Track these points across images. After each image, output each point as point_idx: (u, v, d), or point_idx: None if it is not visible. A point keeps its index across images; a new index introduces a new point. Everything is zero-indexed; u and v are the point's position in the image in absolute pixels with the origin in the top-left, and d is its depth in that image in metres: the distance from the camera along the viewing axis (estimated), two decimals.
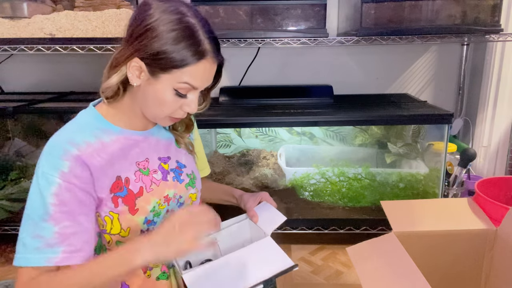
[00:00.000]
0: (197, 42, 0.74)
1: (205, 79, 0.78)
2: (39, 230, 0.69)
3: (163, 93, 0.76)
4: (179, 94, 0.76)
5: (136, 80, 0.76)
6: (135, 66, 0.75)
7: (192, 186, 0.91)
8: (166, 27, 0.73)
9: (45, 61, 2.17)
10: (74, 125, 0.80)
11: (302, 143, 2.11)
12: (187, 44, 0.73)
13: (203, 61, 0.75)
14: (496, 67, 1.92)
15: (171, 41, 0.72)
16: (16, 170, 1.86)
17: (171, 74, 0.74)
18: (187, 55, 0.73)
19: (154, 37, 0.73)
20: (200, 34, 0.74)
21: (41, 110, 1.76)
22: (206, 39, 0.75)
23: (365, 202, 1.84)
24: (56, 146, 0.73)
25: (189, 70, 0.74)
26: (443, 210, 1.15)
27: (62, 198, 0.70)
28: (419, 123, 1.77)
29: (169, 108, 0.78)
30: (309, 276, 1.65)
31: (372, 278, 0.86)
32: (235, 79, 2.15)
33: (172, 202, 0.86)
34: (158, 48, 0.73)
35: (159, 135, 0.89)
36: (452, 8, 1.64)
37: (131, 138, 0.83)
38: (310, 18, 1.70)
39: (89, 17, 1.63)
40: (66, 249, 0.70)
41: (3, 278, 1.64)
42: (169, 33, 0.73)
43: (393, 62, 2.13)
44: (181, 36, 0.73)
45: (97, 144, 0.77)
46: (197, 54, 0.74)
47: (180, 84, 0.75)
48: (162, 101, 0.77)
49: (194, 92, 0.78)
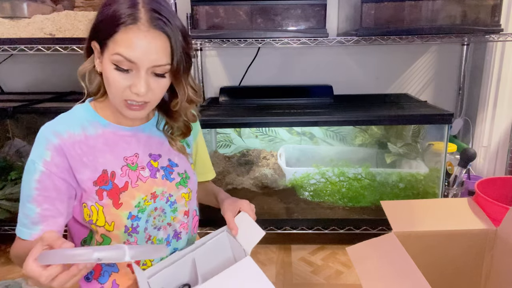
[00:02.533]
0: (132, 8, 0.73)
1: (141, 51, 0.72)
2: (26, 209, 0.77)
3: (107, 71, 0.75)
4: (119, 69, 0.74)
5: (97, 64, 0.78)
6: (95, 50, 0.78)
7: (184, 186, 0.90)
8: (108, 1, 0.75)
9: (45, 61, 2.17)
10: (64, 116, 0.83)
11: (302, 143, 2.11)
12: (121, 10, 0.73)
13: (133, 27, 0.72)
14: (496, 67, 1.92)
15: (110, 9, 0.74)
16: (16, 170, 1.86)
17: (108, 48, 0.74)
18: (118, 19, 0.72)
19: (98, 13, 0.76)
20: (139, 5, 0.73)
21: (41, 110, 1.76)
22: (144, 8, 0.73)
23: (365, 202, 1.84)
24: (42, 136, 0.79)
25: (119, 37, 0.72)
26: (443, 210, 1.15)
27: (44, 185, 0.77)
28: (419, 123, 1.77)
29: (116, 88, 0.75)
30: (309, 276, 1.65)
31: (372, 278, 0.86)
32: (235, 79, 2.15)
33: (159, 200, 0.86)
34: (99, 19, 0.76)
35: (150, 132, 0.89)
36: (452, 8, 1.64)
37: (117, 133, 0.84)
38: (310, 18, 1.70)
39: (89, 17, 1.63)
40: (44, 228, 0.77)
41: (3, 278, 1.64)
42: (108, 5, 0.75)
43: (393, 62, 2.13)
44: (119, 4, 0.74)
45: (80, 136, 0.80)
46: (128, 18, 0.72)
47: (114, 56, 0.73)
48: (108, 80, 0.76)
49: (136, 68, 0.74)
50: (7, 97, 2.06)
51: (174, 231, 0.90)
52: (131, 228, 0.82)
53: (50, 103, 1.83)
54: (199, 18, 1.67)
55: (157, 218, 0.86)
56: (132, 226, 0.82)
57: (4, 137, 1.93)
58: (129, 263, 0.85)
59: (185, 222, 0.92)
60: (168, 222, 0.89)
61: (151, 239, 0.86)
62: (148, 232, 0.85)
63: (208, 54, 2.15)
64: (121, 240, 0.83)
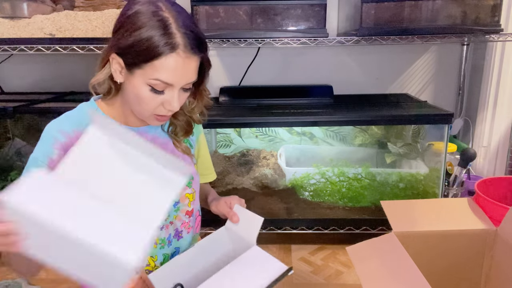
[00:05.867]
0: (167, 34, 0.73)
1: (179, 75, 0.76)
2: None
3: (139, 90, 0.76)
4: (155, 91, 0.75)
5: (119, 76, 0.78)
6: (116, 62, 0.76)
7: (188, 186, 0.91)
8: (138, 20, 0.73)
9: (45, 61, 2.17)
10: (70, 114, 0.84)
11: (302, 143, 2.11)
12: (156, 36, 0.72)
13: (173, 54, 0.73)
14: (496, 67, 1.92)
15: (142, 34, 0.73)
16: (16, 170, 1.86)
17: (143, 69, 0.74)
18: (155, 48, 0.72)
19: (127, 30, 0.74)
20: (172, 28, 0.73)
21: (41, 110, 1.76)
22: (179, 32, 0.74)
23: (365, 202, 1.84)
24: (49, 134, 0.79)
25: (159, 64, 0.73)
26: (443, 210, 1.15)
27: None
28: (419, 123, 1.77)
29: (148, 105, 0.77)
30: (309, 276, 1.65)
31: (372, 278, 0.86)
32: (235, 79, 2.15)
33: None
34: (130, 42, 0.73)
35: (156, 133, 0.90)
36: (452, 8, 1.64)
37: None
38: (310, 18, 1.70)
39: (89, 17, 1.63)
40: None
41: (3, 278, 1.64)
42: (141, 27, 0.73)
43: (393, 62, 2.13)
44: (151, 29, 0.72)
45: None
46: (166, 46, 0.72)
47: (152, 80, 0.74)
48: (139, 98, 0.77)
49: (171, 88, 0.76)
50: (7, 97, 2.06)
51: (175, 230, 0.90)
52: None
53: (50, 103, 1.83)
54: (199, 18, 1.67)
55: None
56: None
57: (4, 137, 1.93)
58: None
59: (186, 221, 0.92)
60: (170, 221, 0.89)
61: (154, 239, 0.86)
62: None
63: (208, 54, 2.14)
64: None
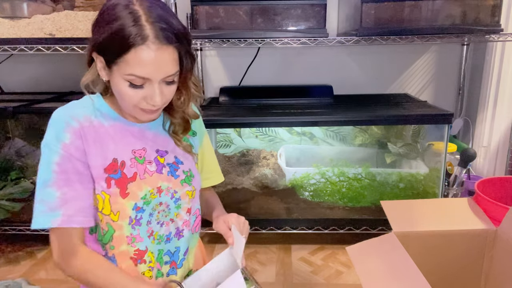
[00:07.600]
0: (137, 26, 0.72)
1: (153, 68, 0.73)
2: (43, 195, 0.77)
3: (119, 86, 0.76)
4: (134, 86, 0.75)
5: (103, 74, 0.78)
6: (99, 61, 0.77)
7: (189, 184, 0.91)
8: (110, 15, 0.73)
9: (45, 61, 2.17)
10: (77, 102, 0.84)
11: (302, 143, 2.11)
12: (126, 29, 0.71)
13: (143, 47, 0.72)
14: (496, 67, 1.92)
15: (113, 28, 0.72)
16: (16, 170, 1.86)
17: (118, 65, 0.74)
18: (126, 41, 0.71)
19: (101, 26, 0.74)
20: (141, 20, 0.72)
21: (41, 110, 1.76)
22: (148, 24, 0.72)
23: (365, 202, 1.84)
24: (60, 120, 0.79)
25: (131, 58, 0.72)
26: (443, 210, 1.15)
27: (64, 167, 0.77)
28: (419, 123, 1.77)
29: (130, 100, 0.77)
30: (309, 276, 1.65)
31: (372, 278, 0.86)
32: (235, 79, 2.15)
33: (165, 195, 0.86)
34: (103, 36, 0.73)
35: (157, 130, 0.90)
36: (452, 8, 1.64)
37: (126, 127, 0.85)
38: (310, 18, 1.70)
39: (89, 17, 1.63)
40: (65, 213, 0.76)
41: (3, 278, 1.64)
42: (112, 21, 0.73)
43: (393, 62, 2.13)
44: (122, 23, 0.72)
45: (96, 122, 0.82)
46: (135, 38, 0.71)
47: (127, 76, 0.74)
48: (121, 94, 0.77)
49: (150, 82, 0.75)
50: (7, 97, 2.06)
51: (177, 228, 0.90)
52: (135, 220, 0.83)
53: (50, 103, 1.83)
54: (199, 18, 1.67)
55: (161, 213, 0.87)
56: (136, 217, 0.83)
57: (4, 137, 1.93)
58: (131, 257, 0.85)
59: (187, 219, 0.92)
60: (171, 218, 0.89)
61: (153, 235, 0.86)
62: (150, 227, 0.85)
63: (208, 54, 2.15)
64: (124, 232, 0.83)
